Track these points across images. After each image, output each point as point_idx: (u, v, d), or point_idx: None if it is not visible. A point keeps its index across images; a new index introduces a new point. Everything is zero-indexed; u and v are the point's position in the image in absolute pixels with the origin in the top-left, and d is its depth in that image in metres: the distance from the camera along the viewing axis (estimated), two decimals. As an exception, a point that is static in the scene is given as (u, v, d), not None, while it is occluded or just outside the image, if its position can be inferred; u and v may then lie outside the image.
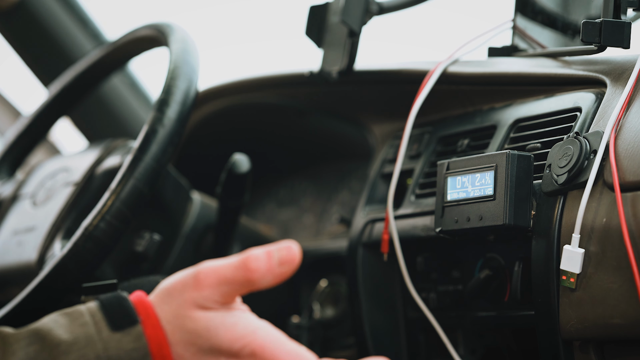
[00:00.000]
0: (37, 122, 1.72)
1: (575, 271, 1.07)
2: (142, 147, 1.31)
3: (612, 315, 1.05)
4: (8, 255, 1.52)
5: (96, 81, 1.70)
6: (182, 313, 0.95)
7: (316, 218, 1.82)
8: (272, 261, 0.97)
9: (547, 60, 1.31)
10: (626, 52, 1.20)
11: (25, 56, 2.15)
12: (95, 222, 1.28)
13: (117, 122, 2.18)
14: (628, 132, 1.08)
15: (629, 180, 1.04)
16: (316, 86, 1.64)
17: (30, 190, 1.61)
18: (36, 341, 0.92)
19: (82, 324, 0.93)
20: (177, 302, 0.95)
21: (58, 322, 0.93)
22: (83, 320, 0.93)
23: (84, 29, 2.12)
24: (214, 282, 0.95)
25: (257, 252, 0.97)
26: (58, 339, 0.92)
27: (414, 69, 1.45)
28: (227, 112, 1.84)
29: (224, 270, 0.96)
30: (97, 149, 1.57)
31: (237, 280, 0.96)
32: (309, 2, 1.56)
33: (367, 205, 1.47)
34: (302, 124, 1.84)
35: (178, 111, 1.34)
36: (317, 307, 1.63)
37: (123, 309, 0.93)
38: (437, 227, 1.23)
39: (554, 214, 1.12)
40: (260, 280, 0.97)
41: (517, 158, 1.15)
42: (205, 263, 0.97)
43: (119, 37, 1.62)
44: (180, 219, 1.55)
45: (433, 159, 1.38)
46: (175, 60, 1.39)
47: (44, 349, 0.91)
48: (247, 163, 1.51)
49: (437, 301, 1.32)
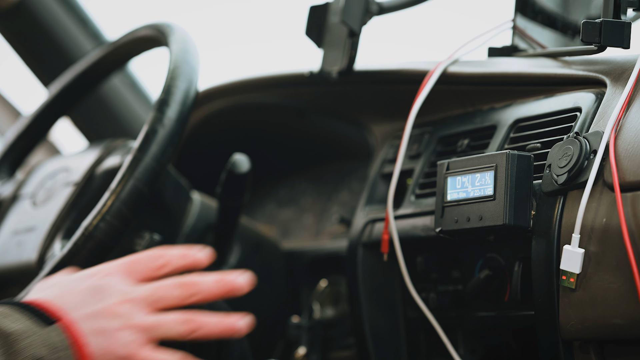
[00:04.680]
0: (37, 122, 1.72)
1: (575, 271, 1.07)
2: (142, 147, 1.31)
3: (612, 315, 1.05)
4: (8, 255, 1.52)
5: (96, 81, 1.70)
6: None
7: (316, 218, 1.82)
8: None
9: (547, 60, 1.31)
10: (626, 52, 1.20)
11: (25, 56, 2.15)
12: (95, 222, 1.28)
13: (117, 122, 2.18)
14: (628, 132, 1.08)
15: (629, 180, 1.04)
16: (316, 86, 1.64)
17: (30, 190, 1.61)
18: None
19: (17, 319, 1.06)
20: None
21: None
22: (15, 317, 1.07)
23: (84, 29, 2.12)
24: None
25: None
26: (10, 327, 1.05)
27: (414, 69, 1.45)
28: (227, 112, 1.84)
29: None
30: (97, 149, 1.57)
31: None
32: (309, 2, 1.56)
33: (367, 205, 1.47)
34: (302, 124, 1.84)
35: (178, 111, 1.34)
36: (317, 307, 1.63)
37: (41, 310, 1.09)
38: (437, 227, 1.23)
39: (554, 214, 1.12)
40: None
41: (517, 158, 1.15)
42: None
43: (119, 37, 1.62)
44: (180, 219, 1.55)
45: (433, 159, 1.38)
46: (175, 60, 1.39)
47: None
48: (247, 163, 1.51)
49: (437, 301, 1.32)
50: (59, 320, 1.08)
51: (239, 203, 1.53)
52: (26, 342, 1.04)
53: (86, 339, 1.08)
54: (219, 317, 1.13)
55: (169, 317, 1.13)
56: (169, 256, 1.18)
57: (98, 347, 1.09)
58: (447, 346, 1.28)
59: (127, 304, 1.12)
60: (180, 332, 1.13)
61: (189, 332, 1.12)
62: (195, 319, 1.12)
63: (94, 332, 1.09)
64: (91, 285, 1.13)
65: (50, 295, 1.12)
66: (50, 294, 1.13)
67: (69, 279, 1.16)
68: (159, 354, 1.11)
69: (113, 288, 1.13)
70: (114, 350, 1.09)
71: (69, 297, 1.12)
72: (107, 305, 1.11)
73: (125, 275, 1.15)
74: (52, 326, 1.07)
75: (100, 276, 1.14)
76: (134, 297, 1.13)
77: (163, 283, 1.15)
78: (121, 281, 1.14)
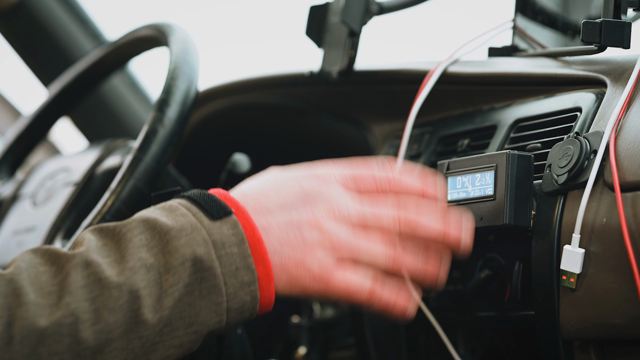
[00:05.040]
0: (37, 122, 1.72)
1: (576, 271, 1.07)
2: (142, 147, 1.31)
3: (612, 315, 1.05)
4: (8, 255, 1.52)
5: (96, 81, 1.70)
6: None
7: (316, 218, 1.82)
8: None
9: (547, 60, 1.31)
10: (626, 52, 1.20)
11: (25, 56, 2.15)
12: (95, 222, 1.28)
13: (117, 122, 2.18)
14: (628, 132, 1.08)
15: (629, 180, 1.04)
16: (316, 86, 1.64)
17: (30, 190, 1.61)
18: (147, 229, 0.98)
19: (182, 214, 1.00)
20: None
21: (159, 214, 1.00)
22: (181, 211, 1.00)
23: (84, 29, 2.12)
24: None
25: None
26: (167, 226, 0.98)
27: (414, 69, 1.45)
28: (227, 112, 1.84)
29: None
30: (97, 149, 1.57)
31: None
32: (309, 2, 1.56)
33: (367, 205, 1.47)
34: (302, 124, 1.84)
35: (178, 111, 1.35)
36: (317, 307, 1.63)
37: (215, 202, 1.01)
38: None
39: (554, 214, 1.12)
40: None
41: (517, 158, 1.15)
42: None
43: (119, 37, 1.62)
44: (180, 219, 1.54)
45: (433, 159, 1.38)
46: (176, 60, 1.39)
47: (154, 236, 0.98)
48: (247, 163, 1.51)
49: (437, 301, 1.32)
50: (236, 211, 1.01)
51: (239, 203, 1.53)
52: (184, 240, 0.97)
53: (273, 243, 1.01)
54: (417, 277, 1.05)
55: (374, 245, 1.05)
56: (404, 182, 1.08)
57: (288, 258, 1.02)
58: (447, 346, 1.28)
59: (336, 219, 1.04)
60: (380, 265, 1.05)
61: (390, 268, 1.04)
62: (402, 259, 1.05)
63: (288, 241, 1.02)
64: (305, 189, 1.05)
65: (253, 189, 1.05)
66: (254, 187, 1.06)
67: (286, 176, 1.07)
68: (355, 276, 1.04)
69: (327, 196, 1.05)
70: (308, 266, 1.02)
71: (274, 196, 1.05)
72: (313, 215, 1.04)
73: (344, 184, 1.06)
74: (224, 219, 1.00)
75: (321, 182, 1.05)
76: (346, 214, 1.05)
77: (383, 212, 1.06)
78: (339, 192, 1.05)
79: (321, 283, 1.03)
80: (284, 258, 1.02)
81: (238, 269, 0.98)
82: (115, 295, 0.94)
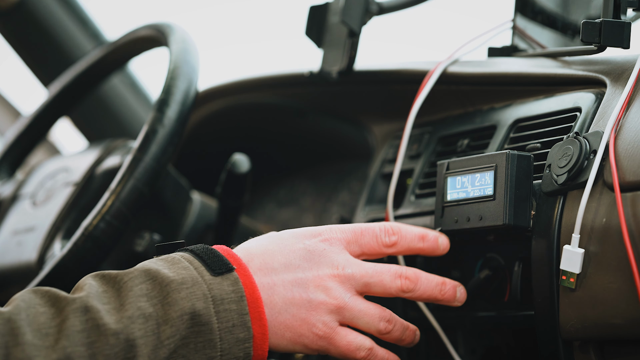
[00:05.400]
0: (37, 122, 1.72)
1: (575, 271, 1.07)
2: (142, 147, 1.31)
3: (612, 315, 1.05)
4: (8, 255, 1.52)
5: (96, 81, 1.70)
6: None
7: (316, 218, 1.82)
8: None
9: (547, 60, 1.31)
10: (626, 52, 1.20)
11: (25, 56, 2.15)
12: (95, 222, 1.28)
13: (117, 122, 2.18)
14: (628, 132, 1.08)
15: (629, 180, 1.04)
16: (316, 86, 1.64)
17: (30, 190, 1.61)
18: (148, 279, 0.99)
19: (184, 267, 1.01)
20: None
21: (162, 265, 1.01)
22: (183, 264, 1.01)
23: (84, 29, 2.12)
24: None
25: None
26: (168, 277, 0.99)
27: (414, 69, 1.45)
28: (227, 112, 1.84)
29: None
30: (97, 149, 1.57)
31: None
32: (309, 2, 1.56)
33: (367, 205, 1.47)
34: (302, 124, 1.84)
35: (178, 111, 1.35)
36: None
37: (217, 258, 1.02)
38: (437, 227, 1.23)
39: (554, 214, 1.12)
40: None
41: (517, 158, 1.15)
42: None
43: (119, 37, 1.62)
44: (180, 219, 1.55)
45: (433, 159, 1.38)
46: (175, 60, 1.39)
47: (155, 287, 0.99)
48: (247, 163, 1.51)
49: (437, 301, 1.32)
50: (237, 268, 1.02)
51: (239, 203, 1.53)
52: (184, 293, 0.99)
53: (277, 301, 1.02)
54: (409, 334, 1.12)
55: (371, 310, 1.08)
56: (404, 233, 1.12)
57: (293, 316, 1.04)
58: (447, 346, 1.28)
59: (337, 279, 1.06)
60: (375, 330, 1.09)
61: (383, 333, 1.09)
62: (396, 324, 1.10)
63: (293, 300, 1.04)
64: (307, 247, 1.07)
65: (259, 248, 1.07)
66: (260, 245, 1.07)
67: (291, 235, 1.09)
68: (356, 337, 1.07)
69: (328, 257, 1.07)
70: (312, 325, 1.04)
71: (279, 255, 1.06)
72: (316, 275, 1.05)
73: (346, 244, 1.09)
74: (225, 275, 1.01)
75: (321, 239, 1.08)
76: (347, 273, 1.07)
77: (384, 268, 1.09)
78: (340, 251, 1.08)
79: (324, 342, 1.06)
80: (289, 316, 1.04)
81: (235, 325, 1.00)
82: (112, 342, 0.95)
